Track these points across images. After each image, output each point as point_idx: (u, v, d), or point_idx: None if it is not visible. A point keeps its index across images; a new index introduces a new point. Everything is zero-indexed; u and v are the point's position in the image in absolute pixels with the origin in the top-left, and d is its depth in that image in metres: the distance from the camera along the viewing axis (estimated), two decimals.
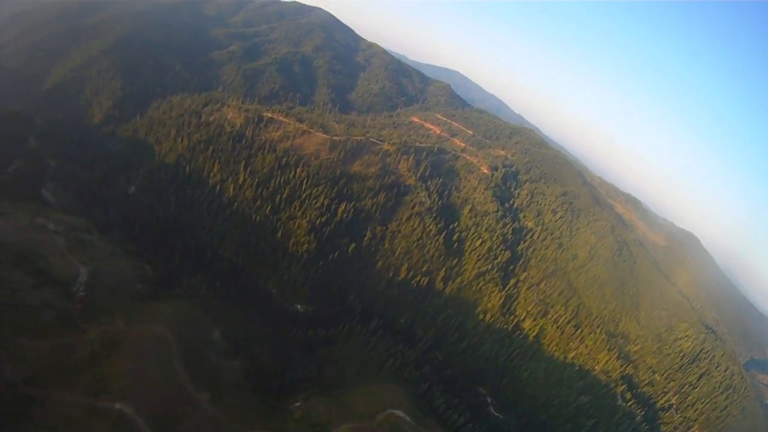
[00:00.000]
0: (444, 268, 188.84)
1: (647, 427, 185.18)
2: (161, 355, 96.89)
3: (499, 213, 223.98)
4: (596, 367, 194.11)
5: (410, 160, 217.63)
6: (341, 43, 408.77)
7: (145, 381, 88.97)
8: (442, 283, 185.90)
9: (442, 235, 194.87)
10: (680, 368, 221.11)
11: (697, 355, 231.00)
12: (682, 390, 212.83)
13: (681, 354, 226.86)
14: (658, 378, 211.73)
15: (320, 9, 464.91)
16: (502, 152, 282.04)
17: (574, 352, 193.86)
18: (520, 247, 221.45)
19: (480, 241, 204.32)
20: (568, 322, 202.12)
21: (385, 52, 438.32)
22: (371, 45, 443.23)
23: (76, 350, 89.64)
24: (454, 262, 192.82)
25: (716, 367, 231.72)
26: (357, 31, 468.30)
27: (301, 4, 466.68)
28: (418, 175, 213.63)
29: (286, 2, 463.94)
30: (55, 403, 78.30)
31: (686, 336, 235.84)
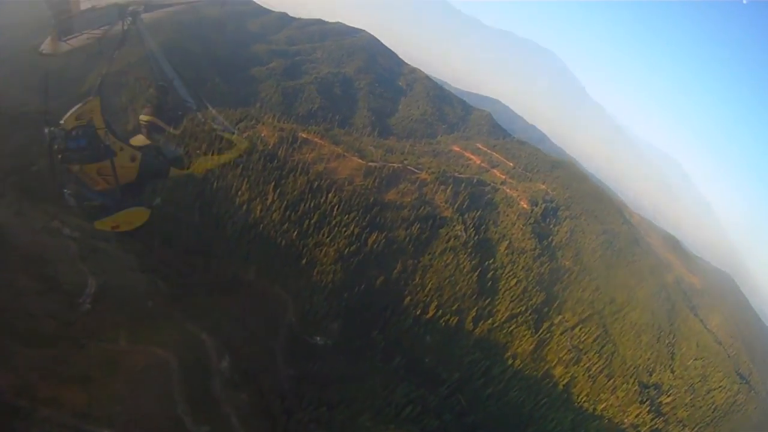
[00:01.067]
0: (475, 308, 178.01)
1: None
2: (161, 381, 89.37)
3: (537, 251, 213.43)
4: (626, 421, 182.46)
5: (448, 190, 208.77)
6: (383, 67, 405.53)
7: (138, 409, 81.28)
8: (471, 324, 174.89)
9: (476, 273, 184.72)
10: (711, 422, 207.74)
11: (730, 407, 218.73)
12: None
13: (713, 407, 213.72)
14: None
15: (364, 31, 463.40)
16: (543, 186, 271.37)
17: (605, 403, 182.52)
18: (556, 288, 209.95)
19: (515, 280, 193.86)
20: (601, 371, 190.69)
21: (427, 77, 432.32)
22: (414, 70, 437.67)
23: (72, 366, 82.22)
24: (487, 301, 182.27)
25: (748, 421, 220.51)
26: (400, 56, 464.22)
27: (345, 25, 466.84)
28: (455, 207, 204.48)
29: (330, 23, 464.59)
30: (41, 420, 71.10)
31: (720, 387, 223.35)
